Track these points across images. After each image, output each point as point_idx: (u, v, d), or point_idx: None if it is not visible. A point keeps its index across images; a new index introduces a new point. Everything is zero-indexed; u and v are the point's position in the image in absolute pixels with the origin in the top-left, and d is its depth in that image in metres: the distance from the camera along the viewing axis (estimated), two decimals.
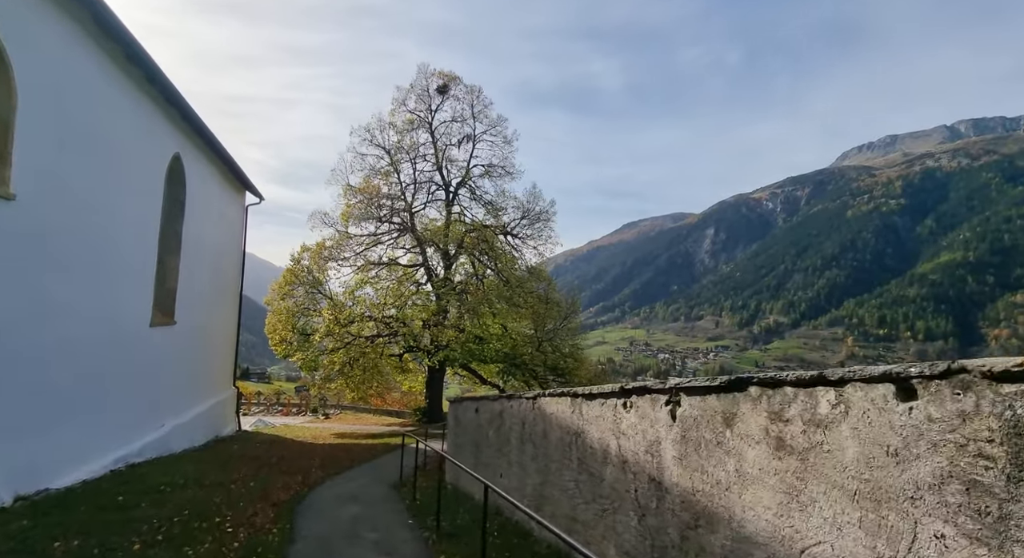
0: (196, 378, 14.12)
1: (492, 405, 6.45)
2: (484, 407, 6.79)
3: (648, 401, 3.20)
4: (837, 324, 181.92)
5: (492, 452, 6.37)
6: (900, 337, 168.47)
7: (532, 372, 20.87)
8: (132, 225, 10.05)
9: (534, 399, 5.03)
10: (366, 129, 23.37)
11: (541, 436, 4.86)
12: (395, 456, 13.31)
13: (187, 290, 12.93)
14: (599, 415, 3.82)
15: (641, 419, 3.27)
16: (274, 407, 36.28)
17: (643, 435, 3.24)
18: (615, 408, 3.60)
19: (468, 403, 7.61)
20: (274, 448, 13.97)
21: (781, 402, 2.19)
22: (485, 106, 24.02)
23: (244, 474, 9.37)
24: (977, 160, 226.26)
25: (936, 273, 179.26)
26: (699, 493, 2.70)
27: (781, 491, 2.18)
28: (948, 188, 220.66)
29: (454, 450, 8.46)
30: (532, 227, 23.40)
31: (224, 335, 16.37)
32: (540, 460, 4.87)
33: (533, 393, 5.10)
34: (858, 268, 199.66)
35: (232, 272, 16.98)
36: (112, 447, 9.49)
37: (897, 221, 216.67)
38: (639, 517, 3.23)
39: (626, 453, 3.43)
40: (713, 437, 2.62)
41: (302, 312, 22.88)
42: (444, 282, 22.55)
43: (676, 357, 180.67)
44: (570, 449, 4.28)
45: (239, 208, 17.41)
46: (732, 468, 2.48)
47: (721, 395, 2.57)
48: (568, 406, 4.32)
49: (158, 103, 10.57)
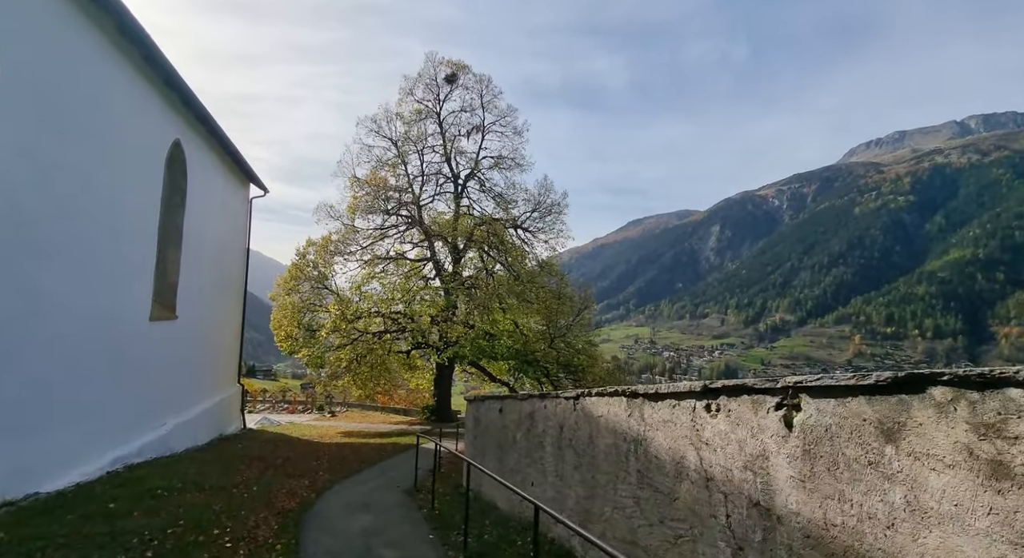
0: (199, 375, 13.61)
1: (520, 405, 5.80)
2: (510, 407, 6.14)
3: (747, 404, 2.53)
4: (844, 322, 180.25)
5: (520, 457, 5.72)
6: (908, 335, 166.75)
7: (544, 369, 20.22)
8: (130, 214, 9.49)
9: (576, 399, 4.37)
10: (372, 120, 22.74)
11: (586, 442, 4.21)
12: (407, 457, 12.70)
13: (189, 284, 12.42)
14: (668, 420, 3.17)
15: (735, 426, 2.60)
16: (280, 404, 35.82)
17: (739, 447, 2.57)
18: (693, 412, 2.94)
19: (491, 402, 6.95)
20: (279, 448, 13.40)
21: (1001, 410, 1.52)
22: (495, 96, 23.34)
23: (247, 477, 8.78)
24: (988, 156, 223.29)
25: (945, 270, 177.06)
26: (836, 528, 2.04)
27: (1003, 540, 1.51)
28: (958, 184, 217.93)
29: (474, 453, 7.81)
30: (543, 220, 22.70)
31: (228, 331, 15.85)
32: (585, 470, 4.21)
33: (574, 392, 4.44)
34: (866, 266, 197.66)
35: (236, 266, 16.45)
36: (110, 447, 8.98)
37: (906, 218, 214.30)
38: (733, 550, 2.57)
39: (711, 468, 2.77)
40: (862, 454, 1.96)
41: (308, 308, 22.33)
42: (453, 277, 21.92)
43: (681, 355, 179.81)
44: (626, 459, 3.62)
45: (243, 200, 16.87)
46: (899, 499, 1.82)
47: (876, 398, 1.90)
48: (623, 408, 3.67)
49: (156, 85, 9.97)
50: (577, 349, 20.21)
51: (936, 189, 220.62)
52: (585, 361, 19.94)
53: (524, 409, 5.65)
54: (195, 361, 13.16)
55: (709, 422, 2.79)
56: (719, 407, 2.73)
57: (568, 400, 4.54)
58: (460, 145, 23.83)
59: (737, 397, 2.59)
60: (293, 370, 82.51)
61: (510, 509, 5.92)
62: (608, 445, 3.87)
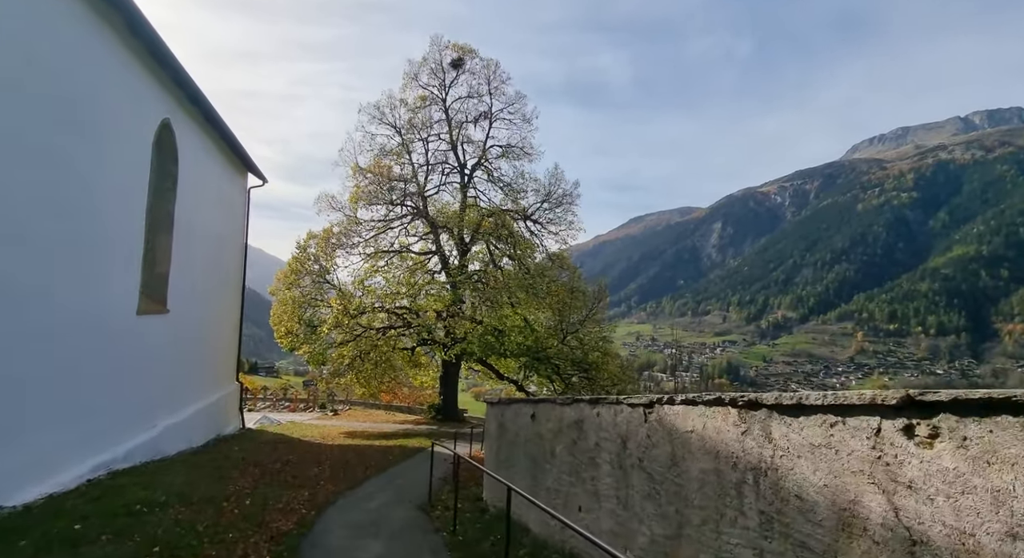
0: (194, 372, 12.74)
1: (561, 411, 4.85)
2: (546, 413, 5.19)
3: (1012, 430, 1.58)
4: (847, 319, 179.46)
5: (561, 475, 4.77)
6: (911, 332, 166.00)
7: (554, 367, 19.27)
8: (114, 199, 8.56)
9: (648, 407, 3.42)
10: (376, 107, 21.73)
11: (665, 464, 3.26)
12: (416, 462, 11.77)
13: (182, 276, 11.53)
14: (822, 444, 2.22)
15: (980, 465, 1.65)
16: (281, 403, 34.93)
17: (993, 500, 1.62)
18: (877, 435, 1.99)
19: (520, 407, 5.99)
20: (279, 450, 12.48)
21: None
22: (502, 82, 22.29)
23: (240, 487, 7.85)
24: (992, 152, 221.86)
25: (949, 267, 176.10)
26: None
27: None
28: (962, 181, 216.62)
29: (497, 464, 6.86)
30: (554, 211, 21.70)
31: (226, 326, 14.97)
32: (665, 501, 3.26)
33: (644, 399, 3.49)
34: (868, 262, 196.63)
35: (234, 258, 15.56)
36: (91, 452, 8.10)
37: (909, 215, 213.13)
38: None
39: (921, 525, 1.82)
40: None
41: (309, 303, 21.36)
42: (460, 270, 20.96)
43: (683, 352, 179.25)
44: (738, 493, 2.67)
45: (240, 190, 15.93)
46: None
47: None
48: (731, 423, 2.72)
49: (142, 59, 9.02)
50: (591, 346, 19.25)
51: (940, 185, 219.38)
52: (599, 358, 18.99)
53: (567, 416, 4.69)
54: (189, 358, 12.27)
55: (914, 453, 1.84)
56: (937, 431, 1.78)
57: (635, 408, 3.59)
58: (467, 133, 22.84)
59: (986, 418, 1.64)
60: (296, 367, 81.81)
61: (547, 535, 4.98)
62: (704, 471, 2.93)
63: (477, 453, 13.36)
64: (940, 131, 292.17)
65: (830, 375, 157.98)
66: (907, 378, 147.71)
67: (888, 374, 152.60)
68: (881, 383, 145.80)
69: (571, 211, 21.61)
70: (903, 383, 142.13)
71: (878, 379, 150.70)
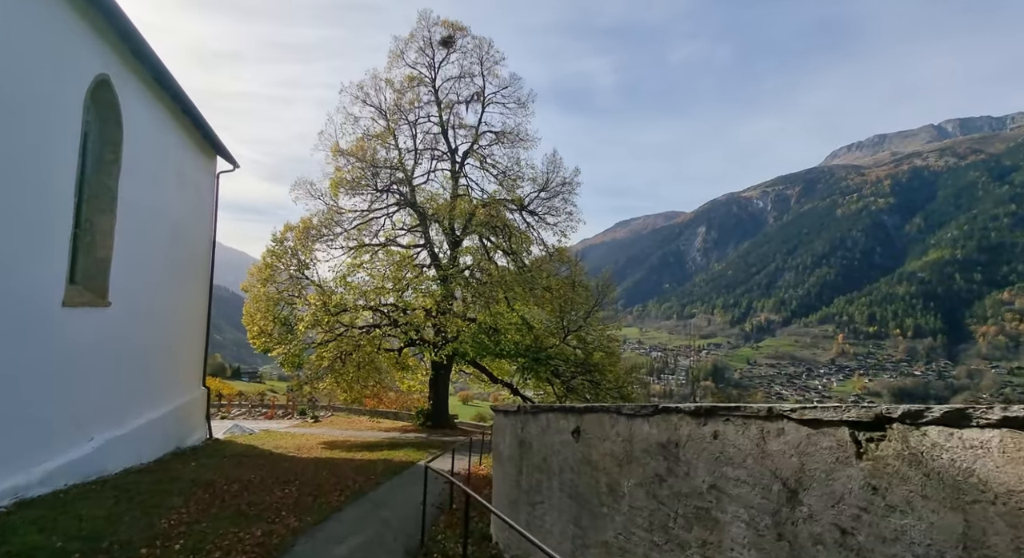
0: (146, 377, 10.93)
1: (630, 428, 3.31)
2: (601, 428, 3.65)
3: None
4: (828, 321, 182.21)
5: (634, 528, 3.22)
6: (890, 334, 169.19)
7: (554, 369, 17.72)
8: (27, 163, 6.79)
9: (872, 427, 1.91)
10: (359, 86, 19.97)
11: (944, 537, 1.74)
12: (403, 482, 10.09)
13: (130, 265, 9.75)
14: None
15: None
16: (257, 409, 32.65)
17: None
18: None
19: (553, 418, 4.40)
20: (242, 468, 10.68)
21: None
22: (496, 62, 20.75)
23: (177, 521, 6.09)
24: (964, 159, 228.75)
25: (925, 271, 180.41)
26: None
27: None
28: (936, 187, 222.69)
29: (515, 497, 5.24)
30: (552, 201, 20.19)
31: (191, 325, 13.16)
32: None
33: (854, 409, 1.99)
34: (848, 266, 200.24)
35: (199, 249, 13.75)
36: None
37: (886, 220, 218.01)
38: None
39: None
40: None
41: (285, 300, 19.43)
42: (452, 262, 19.30)
43: (669, 355, 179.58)
44: None
45: (207, 174, 14.12)
46: None
47: None
48: None
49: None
50: (595, 345, 17.73)
51: (915, 191, 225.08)
52: (603, 359, 17.49)
53: (644, 436, 3.16)
54: (138, 360, 10.44)
55: None
56: None
57: (823, 429, 2.06)
58: (458, 117, 21.24)
59: None
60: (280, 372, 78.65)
61: None
62: None
63: (479, 469, 11.68)
64: (915, 138, 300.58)
65: (812, 377, 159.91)
66: (887, 379, 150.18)
67: (868, 375, 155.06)
68: (862, 384, 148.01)
69: (570, 201, 20.16)
70: (883, 384, 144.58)
71: (859, 380, 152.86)
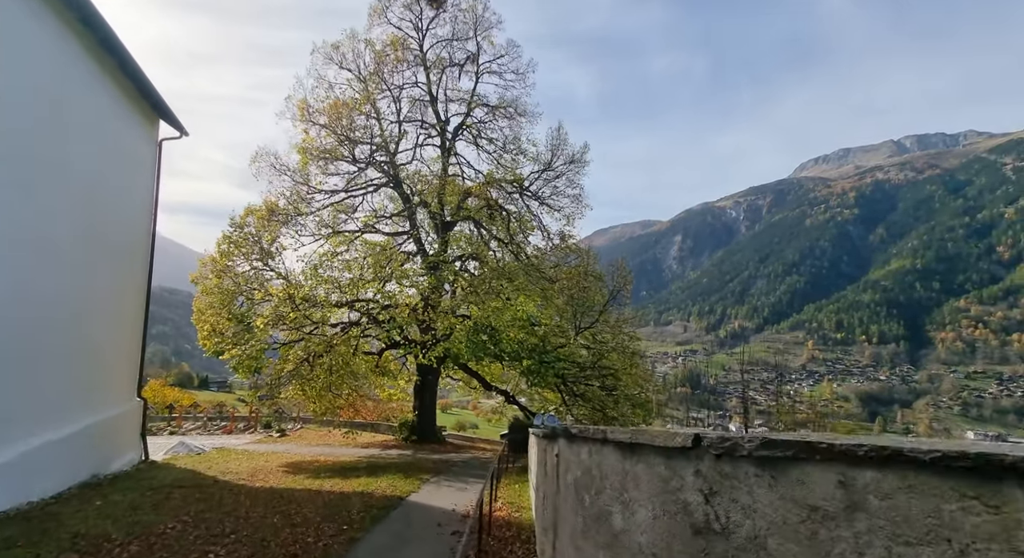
0: (47, 385, 7.92)
1: None
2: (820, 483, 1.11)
3: None
4: (798, 328, 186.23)
5: None
6: (856, 340, 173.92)
7: (560, 375, 15.11)
8: None
9: None
10: (334, 46, 17.19)
11: None
12: (385, 530, 7.34)
13: (23, 237, 6.85)
14: None
15: None
16: (215, 422, 28.79)
17: None
18: None
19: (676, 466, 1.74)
20: (167, 505, 7.76)
21: None
22: (492, 26, 18.37)
23: None
24: (922, 173, 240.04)
25: (888, 279, 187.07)
26: None
27: None
28: (897, 199, 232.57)
29: None
30: (556, 182, 17.79)
31: (119, 321, 10.14)
32: None
33: None
34: (817, 274, 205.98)
35: (135, 229, 10.78)
36: None
37: (851, 230, 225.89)
38: None
39: None
40: None
41: (244, 294, 16.22)
42: (442, 249, 16.63)
43: (647, 362, 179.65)
44: None
45: (146, 140, 11.13)
46: None
47: None
48: None
49: None
50: (610, 345, 15.27)
51: (878, 203, 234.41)
52: (620, 362, 15.03)
53: None
54: (32, 363, 7.45)
55: None
56: None
57: None
58: (449, 85, 18.72)
59: None
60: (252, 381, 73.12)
61: None
62: None
63: (500, 512, 8.61)
64: (877, 152, 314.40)
65: (784, 382, 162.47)
66: (855, 384, 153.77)
67: (836, 380, 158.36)
68: (831, 389, 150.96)
69: (577, 184, 17.76)
70: (852, 389, 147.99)
71: (828, 385, 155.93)
